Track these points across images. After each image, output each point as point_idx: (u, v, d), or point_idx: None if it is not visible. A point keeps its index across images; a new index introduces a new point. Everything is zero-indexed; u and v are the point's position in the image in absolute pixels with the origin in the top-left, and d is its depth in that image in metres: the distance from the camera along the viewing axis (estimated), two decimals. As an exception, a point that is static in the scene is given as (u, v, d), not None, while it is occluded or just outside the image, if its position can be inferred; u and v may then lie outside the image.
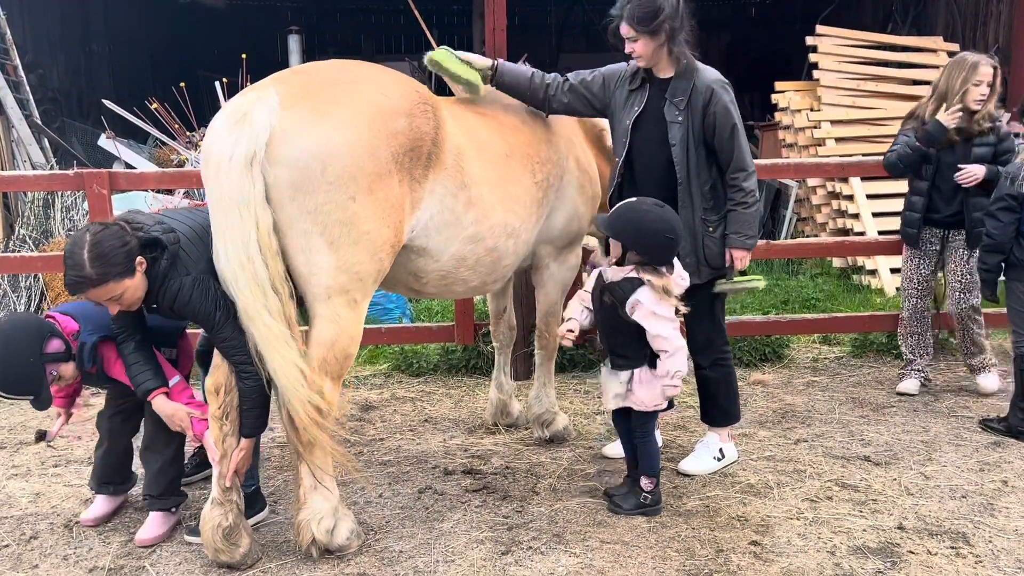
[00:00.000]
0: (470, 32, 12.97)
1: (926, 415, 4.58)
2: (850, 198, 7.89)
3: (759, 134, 10.00)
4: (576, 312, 3.61)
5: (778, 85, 9.13)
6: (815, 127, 8.47)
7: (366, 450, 4.28)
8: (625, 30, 3.57)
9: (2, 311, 6.78)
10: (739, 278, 3.79)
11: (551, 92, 3.77)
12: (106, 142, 9.21)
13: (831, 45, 9.02)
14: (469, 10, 12.58)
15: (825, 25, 9.41)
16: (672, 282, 3.36)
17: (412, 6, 9.44)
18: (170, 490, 3.43)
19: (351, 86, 3.07)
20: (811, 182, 8.41)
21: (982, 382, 4.86)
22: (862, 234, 7.51)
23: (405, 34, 17.17)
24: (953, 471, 3.88)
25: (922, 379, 4.95)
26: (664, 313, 3.33)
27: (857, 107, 8.60)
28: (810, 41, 9.07)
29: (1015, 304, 4.31)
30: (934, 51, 9.10)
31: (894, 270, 7.09)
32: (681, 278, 3.44)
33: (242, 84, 8.68)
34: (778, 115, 9.11)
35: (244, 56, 9.39)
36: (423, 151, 3.11)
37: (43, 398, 3.16)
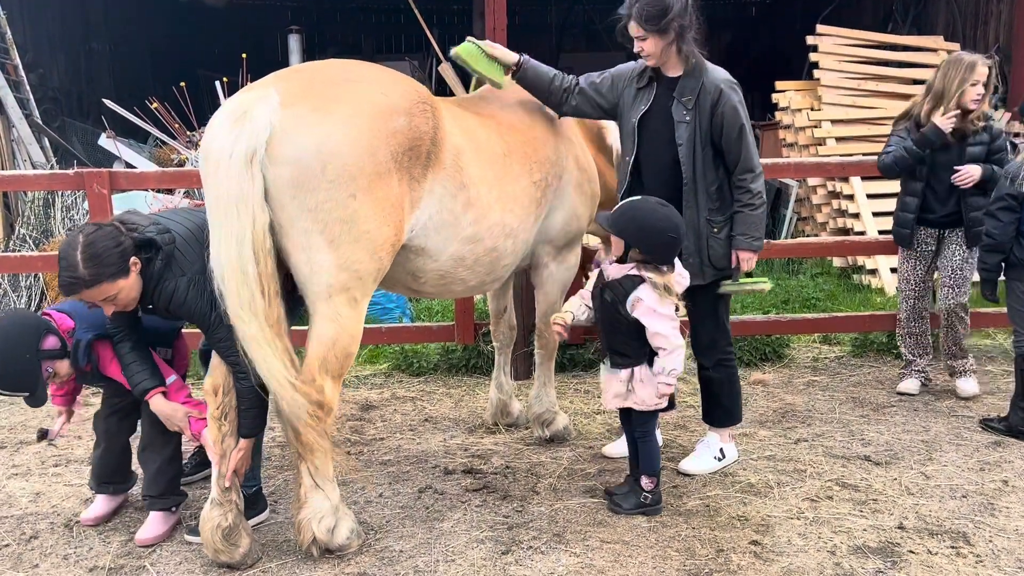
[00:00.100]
0: (471, 31, 12.96)
1: (926, 415, 4.58)
2: (850, 198, 7.89)
3: (759, 133, 9.98)
4: (575, 307, 3.61)
5: (778, 84, 9.13)
6: (815, 126, 8.47)
7: (366, 450, 4.28)
8: (634, 29, 3.54)
9: (2, 310, 6.78)
10: (745, 280, 3.76)
11: (565, 96, 3.79)
12: (106, 141, 9.22)
13: (831, 44, 9.02)
14: (469, 10, 12.57)
15: (825, 24, 9.42)
16: (673, 280, 3.37)
17: (412, 6, 9.46)
18: (169, 490, 3.43)
19: (351, 85, 3.06)
20: (811, 181, 8.41)
21: (961, 385, 4.80)
22: (862, 234, 7.50)
23: (405, 34, 17.19)
24: (953, 471, 3.88)
25: (922, 379, 4.95)
26: (664, 311, 3.33)
27: (857, 106, 8.60)
28: (810, 40, 9.07)
29: (1015, 304, 4.30)
30: (934, 50, 9.10)
31: (894, 270, 7.07)
32: (681, 276, 3.44)
33: (242, 83, 8.68)
34: (778, 114, 9.11)
35: (244, 56, 9.40)
36: (422, 150, 3.11)
37: (38, 395, 3.15)
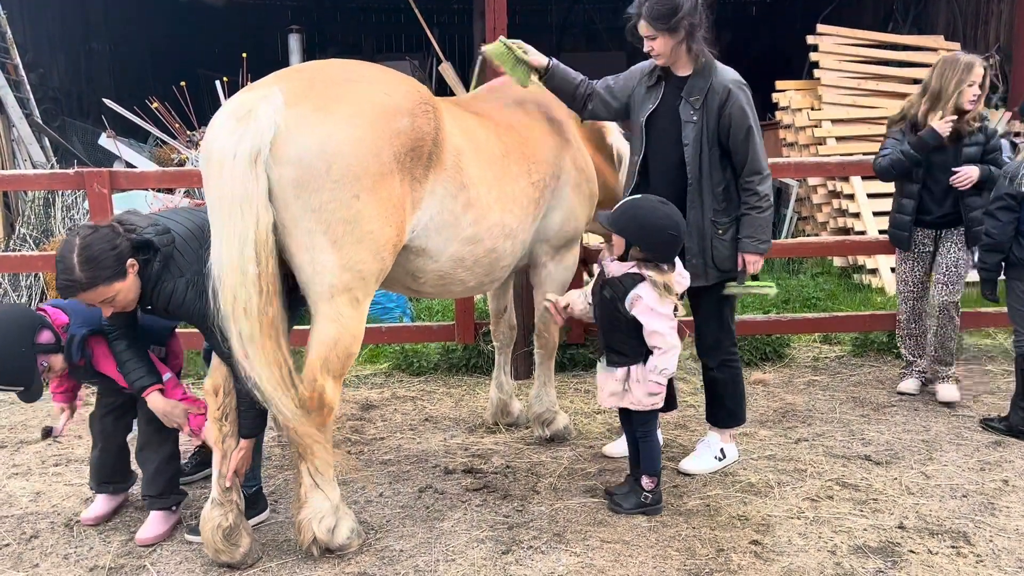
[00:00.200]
0: (471, 31, 12.96)
1: (927, 414, 4.58)
2: (851, 197, 7.89)
3: (760, 133, 9.99)
4: (575, 297, 3.62)
5: (779, 84, 9.12)
6: (816, 126, 8.46)
7: (366, 449, 4.28)
8: (643, 28, 3.52)
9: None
10: (751, 283, 3.73)
11: (586, 101, 3.81)
12: (106, 141, 9.23)
13: (832, 44, 9.01)
14: (470, 9, 12.57)
15: (826, 24, 9.42)
16: (673, 280, 3.37)
17: (413, 5, 9.46)
18: (169, 489, 3.43)
19: (354, 85, 3.06)
20: (812, 181, 8.41)
21: (942, 391, 4.71)
22: (863, 233, 7.50)
23: (405, 33, 17.19)
24: (954, 470, 3.88)
25: (923, 379, 4.94)
26: (663, 310, 3.34)
27: (858, 106, 8.60)
28: (811, 40, 9.07)
29: (1015, 303, 4.30)
30: (935, 50, 9.08)
31: (895, 269, 7.04)
32: (681, 276, 3.44)
33: (242, 83, 8.69)
34: (779, 114, 9.11)
35: (244, 55, 9.40)
36: (424, 151, 3.11)
37: (33, 390, 3.13)
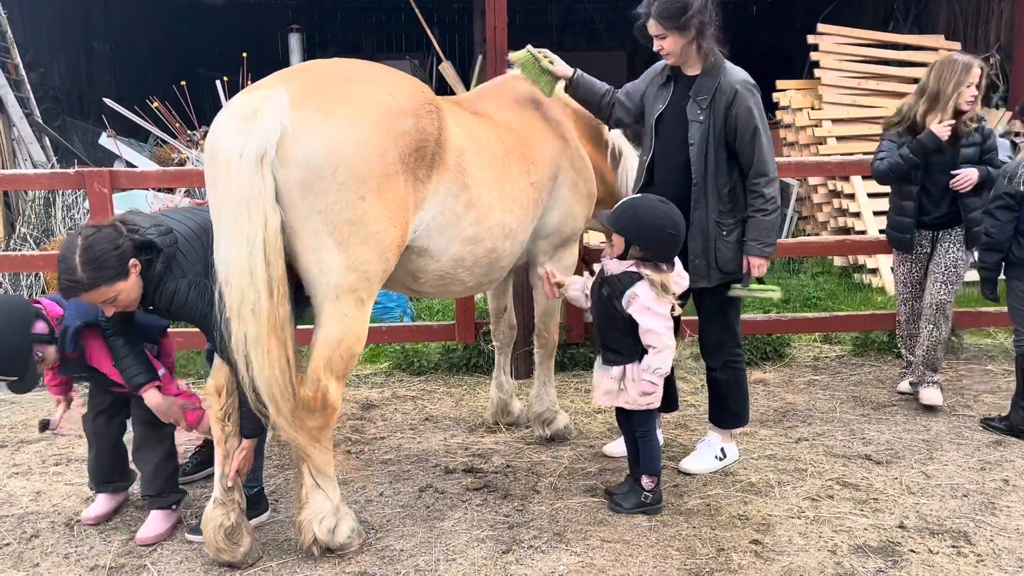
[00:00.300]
0: (471, 31, 12.96)
1: (927, 414, 4.57)
2: (851, 197, 7.88)
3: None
4: (574, 281, 3.65)
5: (779, 84, 9.11)
6: (816, 126, 8.46)
7: (367, 449, 4.28)
8: (653, 27, 3.51)
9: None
10: (755, 286, 3.72)
11: (611, 109, 3.83)
12: (107, 141, 9.23)
13: (832, 44, 9.00)
14: (470, 8, 12.57)
15: (826, 23, 9.40)
16: (671, 279, 3.37)
17: (413, 5, 9.45)
18: (168, 488, 3.43)
19: (359, 85, 3.05)
20: (812, 181, 8.41)
21: (924, 393, 4.64)
22: (863, 233, 7.49)
23: (406, 33, 17.18)
24: (954, 470, 3.88)
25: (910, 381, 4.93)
26: (659, 310, 3.34)
27: (858, 106, 8.59)
28: (811, 40, 9.06)
29: (1016, 303, 4.30)
30: (935, 49, 9.07)
31: (894, 270, 7.07)
32: (680, 277, 3.44)
33: (243, 82, 8.70)
34: (779, 114, 9.10)
35: (245, 55, 9.39)
36: (427, 151, 3.11)
37: (27, 379, 3.12)
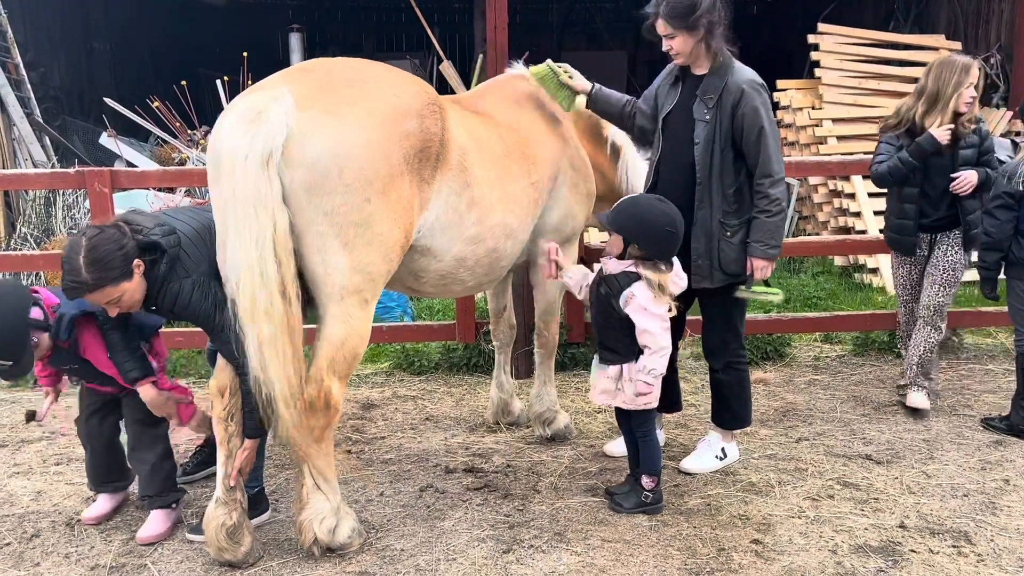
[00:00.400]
0: (471, 30, 12.96)
1: (927, 413, 4.57)
2: (852, 196, 7.88)
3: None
4: (574, 269, 3.65)
5: (780, 83, 9.11)
6: (817, 125, 8.46)
7: (367, 448, 4.28)
8: (661, 27, 3.50)
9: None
10: (758, 288, 3.70)
11: (632, 119, 3.84)
12: (107, 140, 9.23)
13: (833, 43, 9.00)
14: (470, 8, 12.58)
15: (827, 23, 9.40)
16: (668, 279, 3.37)
17: (414, 4, 9.45)
18: (166, 487, 3.43)
19: (363, 86, 3.04)
20: (812, 180, 8.41)
21: (912, 396, 4.59)
22: (864, 232, 7.49)
23: (406, 32, 17.19)
24: (955, 470, 3.88)
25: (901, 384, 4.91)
26: (656, 310, 3.35)
27: (859, 105, 8.60)
28: (812, 39, 9.06)
29: (1016, 302, 4.30)
30: (936, 49, 9.08)
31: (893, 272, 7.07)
32: (678, 277, 3.43)
33: (243, 82, 8.69)
34: (779, 113, 9.08)
35: (245, 54, 9.38)
36: (432, 152, 3.11)
37: (22, 364, 3.08)
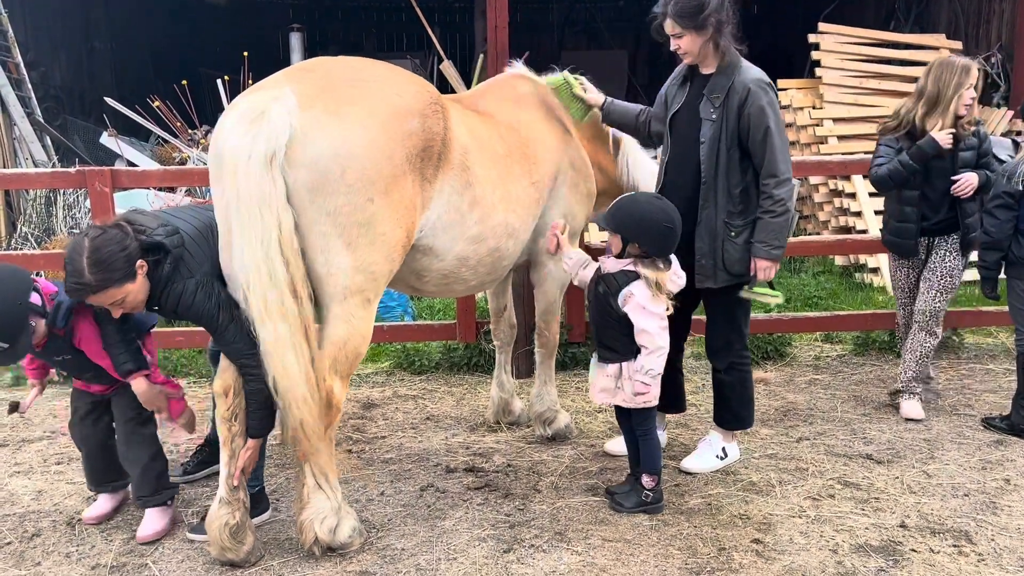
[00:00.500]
0: (472, 30, 12.96)
1: (928, 413, 4.56)
2: (852, 196, 7.88)
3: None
4: (576, 254, 3.64)
5: (780, 83, 9.09)
6: (817, 125, 8.46)
7: (368, 448, 4.28)
8: (669, 27, 3.49)
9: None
10: (759, 289, 3.69)
11: (647, 126, 3.88)
12: (108, 140, 9.24)
13: (833, 43, 9.00)
14: (471, 8, 12.58)
15: (827, 23, 9.39)
16: (667, 278, 3.37)
17: (414, 4, 9.45)
18: (160, 486, 3.43)
19: (366, 86, 3.04)
20: (813, 180, 8.40)
21: (906, 405, 4.54)
22: (864, 232, 7.49)
23: (407, 32, 17.21)
24: (955, 469, 3.88)
25: (923, 379, 4.93)
26: (654, 309, 3.35)
27: (859, 105, 8.59)
28: (812, 39, 9.05)
29: (1016, 302, 4.30)
30: (936, 49, 9.07)
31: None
32: (676, 275, 3.43)
33: (244, 82, 8.70)
34: (780, 113, 9.09)
35: (246, 54, 9.39)
36: (434, 151, 3.11)
37: (18, 347, 3.04)
